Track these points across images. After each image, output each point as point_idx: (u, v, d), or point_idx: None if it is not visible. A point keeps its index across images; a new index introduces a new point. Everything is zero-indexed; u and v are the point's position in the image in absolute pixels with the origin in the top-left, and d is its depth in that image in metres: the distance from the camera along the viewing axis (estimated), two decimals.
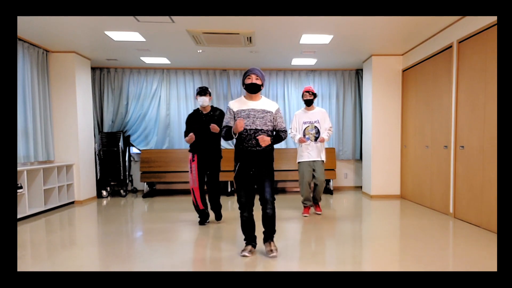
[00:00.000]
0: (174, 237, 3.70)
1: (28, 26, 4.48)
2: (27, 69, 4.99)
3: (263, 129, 2.99)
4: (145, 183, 6.67)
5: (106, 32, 4.73)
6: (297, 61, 6.43)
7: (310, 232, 3.85)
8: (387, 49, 5.75)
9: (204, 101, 4.10)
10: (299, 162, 4.66)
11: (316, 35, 4.94)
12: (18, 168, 4.52)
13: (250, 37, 4.95)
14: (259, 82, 3.02)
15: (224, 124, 3.08)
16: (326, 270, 2.72)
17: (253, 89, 3.00)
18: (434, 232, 3.81)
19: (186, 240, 3.61)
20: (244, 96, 3.11)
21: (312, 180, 4.64)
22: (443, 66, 4.77)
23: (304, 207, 4.80)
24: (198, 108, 4.25)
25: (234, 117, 3.03)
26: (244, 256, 3.05)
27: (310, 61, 6.44)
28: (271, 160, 3.10)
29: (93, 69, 6.78)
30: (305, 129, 4.58)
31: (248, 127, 2.96)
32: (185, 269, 2.76)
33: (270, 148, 3.07)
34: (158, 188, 7.20)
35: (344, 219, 4.51)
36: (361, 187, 7.23)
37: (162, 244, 3.44)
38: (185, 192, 7.06)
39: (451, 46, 4.54)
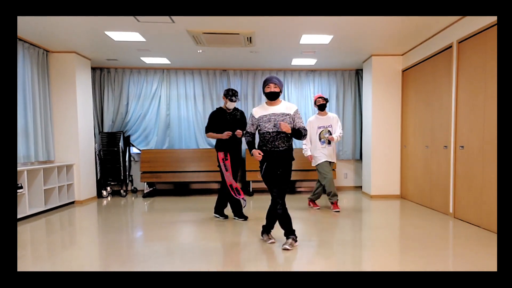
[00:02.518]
0: (174, 237, 3.71)
1: (28, 26, 4.49)
2: (27, 69, 4.99)
3: (283, 131, 3.22)
4: (145, 183, 6.68)
5: (106, 32, 4.73)
6: (297, 61, 6.43)
7: (310, 232, 3.85)
8: (387, 49, 5.76)
9: (232, 105, 4.36)
10: (318, 164, 4.93)
11: (316, 35, 4.94)
12: (18, 168, 4.53)
13: (250, 37, 4.95)
14: (277, 89, 3.30)
15: (247, 129, 3.42)
16: (326, 270, 2.72)
17: (272, 97, 3.31)
18: (434, 232, 3.81)
19: (186, 240, 3.61)
20: (266, 102, 3.40)
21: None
22: (443, 66, 4.77)
23: (332, 203, 5.02)
24: (221, 107, 4.44)
25: (256, 123, 3.35)
26: (285, 249, 3.21)
27: (310, 61, 6.44)
28: (291, 159, 3.36)
29: (93, 69, 6.78)
30: (320, 133, 4.92)
31: (270, 130, 3.25)
32: (185, 269, 2.76)
33: (290, 147, 3.35)
34: (158, 188, 7.21)
35: (344, 219, 4.51)
36: (361, 187, 7.24)
37: (162, 244, 3.44)
38: (185, 192, 7.06)
39: (451, 46, 4.54)
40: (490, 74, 3.79)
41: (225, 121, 4.36)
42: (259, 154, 3.23)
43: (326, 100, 4.98)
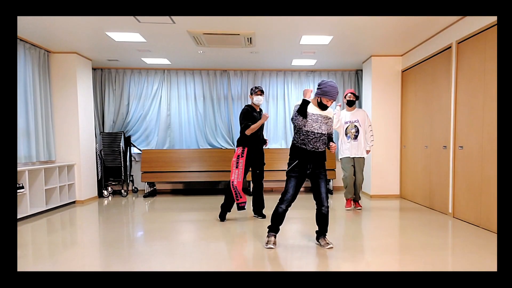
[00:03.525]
0: (174, 237, 3.71)
1: (30, 26, 4.50)
2: (28, 69, 5.01)
3: (325, 133, 3.26)
4: (146, 183, 6.69)
5: (107, 33, 4.74)
6: (297, 62, 6.44)
7: (309, 232, 3.85)
8: (387, 50, 5.76)
9: (260, 100, 4.41)
10: (340, 158, 5.09)
11: (316, 36, 4.95)
12: (19, 168, 4.54)
13: (250, 38, 4.96)
14: (331, 104, 3.23)
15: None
16: (326, 270, 2.73)
17: (324, 108, 3.23)
18: (433, 232, 3.81)
19: (187, 239, 3.62)
20: (312, 100, 3.29)
21: (353, 175, 5.05)
22: (442, 66, 4.77)
23: (346, 199, 5.18)
24: (250, 105, 4.47)
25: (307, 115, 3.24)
26: (270, 248, 3.27)
27: (310, 62, 6.45)
28: (325, 159, 3.35)
29: (94, 69, 6.80)
30: (346, 128, 4.99)
31: (316, 131, 3.19)
32: (186, 269, 2.77)
33: (325, 150, 3.33)
34: (159, 188, 7.21)
35: (344, 219, 4.51)
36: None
37: (162, 244, 3.45)
38: (186, 192, 7.07)
39: (450, 47, 4.55)
40: (489, 74, 3.79)
41: (253, 117, 4.36)
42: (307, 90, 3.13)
43: (357, 97, 5.00)
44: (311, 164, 3.22)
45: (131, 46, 5.37)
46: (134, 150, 7.04)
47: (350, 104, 4.99)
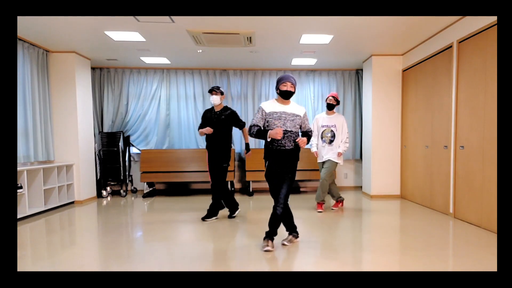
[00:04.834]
0: (174, 237, 3.70)
1: (28, 26, 4.48)
2: (27, 69, 4.99)
3: (292, 131, 3.22)
4: (145, 183, 6.68)
5: (106, 32, 4.73)
6: (297, 61, 6.43)
7: (310, 232, 3.84)
8: (387, 49, 5.75)
9: (214, 99, 4.34)
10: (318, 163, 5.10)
11: (316, 35, 4.94)
12: (18, 168, 4.52)
13: (250, 37, 4.95)
14: (293, 89, 3.24)
15: (253, 123, 3.23)
16: (326, 270, 2.72)
17: (287, 96, 3.23)
18: (434, 232, 3.81)
19: (186, 240, 3.61)
20: (276, 99, 3.32)
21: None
22: (443, 66, 4.77)
23: (317, 203, 5.07)
24: (213, 106, 4.47)
25: (265, 118, 3.23)
26: (283, 245, 3.37)
27: (310, 61, 6.44)
28: (297, 159, 3.31)
29: (93, 69, 6.78)
30: (322, 132, 4.96)
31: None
32: (185, 269, 2.76)
33: (297, 147, 3.27)
34: (158, 188, 7.20)
35: (344, 219, 4.51)
36: (361, 187, 7.23)
37: (162, 244, 3.44)
38: (185, 192, 7.06)
39: (451, 46, 4.54)
40: (490, 74, 3.79)
41: (208, 119, 4.42)
42: (278, 132, 3.06)
43: (337, 101, 4.93)
44: (281, 162, 3.21)
45: (130, 45, 5.36)
46: (133, 150, 7.02)
47: (330, 107, 4.92)
